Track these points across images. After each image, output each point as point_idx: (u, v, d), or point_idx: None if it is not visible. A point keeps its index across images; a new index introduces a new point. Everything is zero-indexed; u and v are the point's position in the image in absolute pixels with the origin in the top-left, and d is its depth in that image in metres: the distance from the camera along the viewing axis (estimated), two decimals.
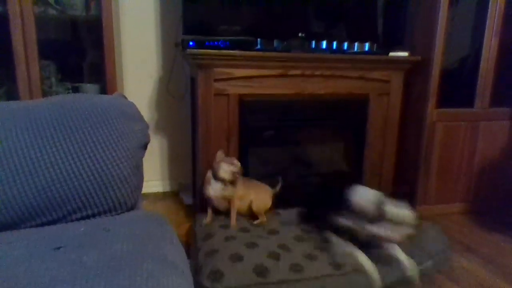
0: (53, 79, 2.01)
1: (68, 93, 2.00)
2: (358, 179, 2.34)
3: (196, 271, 1.46)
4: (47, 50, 1.94)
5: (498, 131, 2.38)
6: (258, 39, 2.08)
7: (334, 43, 2.24)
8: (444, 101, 2.26)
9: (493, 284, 1.67)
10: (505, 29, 2.23)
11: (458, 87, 2.34)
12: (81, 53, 2.17)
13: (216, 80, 1.97)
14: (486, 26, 2.23)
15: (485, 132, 2.37)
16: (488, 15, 2.21)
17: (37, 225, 0.96)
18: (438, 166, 2.35)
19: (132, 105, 1.18)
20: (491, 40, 2.24)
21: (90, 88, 2.02)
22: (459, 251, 1.87)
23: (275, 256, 1.55)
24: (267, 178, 2.02)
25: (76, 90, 2.01)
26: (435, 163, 2.34)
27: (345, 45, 2.27)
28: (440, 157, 2.34)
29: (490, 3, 2.19)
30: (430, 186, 2.37)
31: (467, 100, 2.33)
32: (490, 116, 2.35)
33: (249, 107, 2.04)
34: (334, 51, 2.23)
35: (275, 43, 2.13)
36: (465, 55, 2.34)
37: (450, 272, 1.74)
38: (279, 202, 2.02)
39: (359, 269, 1.53)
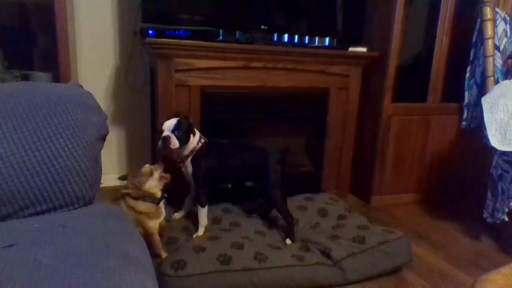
0: None
1: (17, 81, 1.87)
2: (318, 171, 2.40)
3: (158, 264, 1.44)
4: None
5: (447, 125, 2.52)
6: (220, 30, 2.05)
7: (296, 37, 2.26)
8: (399, 96, 2.35)
9: (442, 269, 1.78)
10: (456, 27, 2.35)
11: (412, 82, 2.44)
12: (30, 39, 2.03)
13: (177, 71, 1.92)
14: (438, 25, 2.33)
15: (436, 126, 2.49)
16: (440, 14, 2.32)
17: None
18: (392, 158, 2.45)
19: (89, 95, 1.13)
20: (443, 39, 2.35)
21: (41, 76, 1.90)
22: (412, 239, 1.96)
23: (239, 246, 1.55)
24: None
25: (25, 78, 1.88)
26: (390, 156, 2.44)
27: (306, 39, 2.30)
28: (394, 150, 2.44)
29: (441, 3, 2.29)
30: (385, 177, 2.47)
31: (420, 95, 2.44)
32: (441, 111, 2.48)
33: (211, 99, 2.01)
34: (296, 45, 2.25)
35: (238, 34, 2.11)
36: (419, 52, 2.44)
37: None
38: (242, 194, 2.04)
39: (322, 262, 1.58)
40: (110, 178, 2.52)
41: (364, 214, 2.10)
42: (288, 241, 1.74)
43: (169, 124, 1.65)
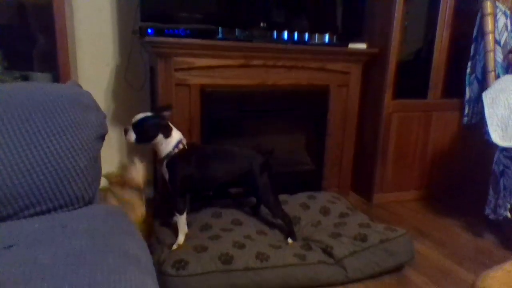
0: None
1: (17, 82, 1.87)
2: (319, 169, 2.39)
3: (159, 263, 1.44)
4: None
5: (448, 121, 2.51)
6: (220, 28, 2.04)
7: (295, 34, 2.25)
8: (399, 92, 2.34)
9: (445, 266, 1.78)
10: (456, 22, 2.34)
11: (413, 78, 2.43)
12: (30, 39, 2.03)
13: (176, 70, 1.92)
14: (438, 20, 2.32)
15: (437, 122, 2.48)
16: (440, 8, 2.30)
17: None
18: (394, 155, 2.45)
19: (87, 94, 1.12)
20: (443, 33, 2.34)
21: (41, 77, 1.90)
22: (414, 236, 1.96)
23: (241, 245, 1.55)
24: None
25: (25, 79, 1.88)
26: (391, 153, 2.43)
27: (306, 36, 2.29)
28: (396, 147, 2.43)
29: None
30: (387, 174, 2.46)
31: (421, 91, 2.43)
32: (442, 107, 2.47)
33: (211, 98, 2.00)
34: (295, 42, 2.24)
35: (237, 32, 2.10)
36: (419, 48, 2.43)
37: None
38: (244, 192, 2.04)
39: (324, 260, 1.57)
40: None
41: (366, 212, 2.10)
42: (289, 240, 1.73)
43: (136, 117, 1.63)
